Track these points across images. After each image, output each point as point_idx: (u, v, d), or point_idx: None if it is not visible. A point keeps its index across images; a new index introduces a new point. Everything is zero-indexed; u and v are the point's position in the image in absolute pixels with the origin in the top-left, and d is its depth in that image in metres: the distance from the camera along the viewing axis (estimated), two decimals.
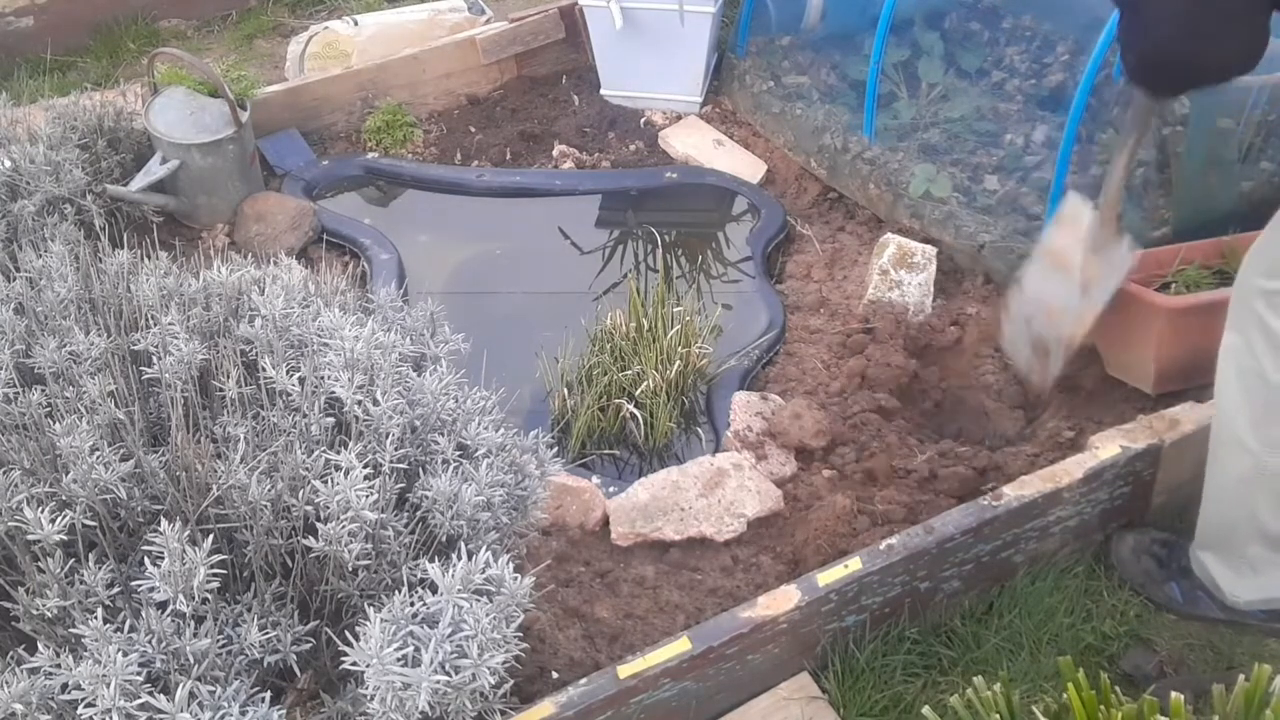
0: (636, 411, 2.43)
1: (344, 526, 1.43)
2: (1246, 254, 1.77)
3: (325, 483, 1.45)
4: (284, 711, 1.39)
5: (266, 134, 3.35)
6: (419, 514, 1.54)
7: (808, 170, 3.27)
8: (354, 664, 1.30)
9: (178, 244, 2.97)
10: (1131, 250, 2.25)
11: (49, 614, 1.39)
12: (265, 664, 1.42)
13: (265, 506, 1.46)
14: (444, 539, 1.53)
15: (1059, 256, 2.28)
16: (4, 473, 1.46)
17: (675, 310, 2.58)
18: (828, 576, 1.80)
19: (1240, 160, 2.58)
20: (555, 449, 1.80)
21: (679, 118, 3.57)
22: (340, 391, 1.58)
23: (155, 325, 1.74)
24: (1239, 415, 1.79)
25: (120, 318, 1.81)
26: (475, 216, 3.27)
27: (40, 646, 1.34)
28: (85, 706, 1.26)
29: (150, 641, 1.34)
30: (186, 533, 1.38)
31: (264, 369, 1.64)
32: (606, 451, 2.44)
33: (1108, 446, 2.01)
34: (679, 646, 1.69)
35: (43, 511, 1.39)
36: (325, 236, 3.08)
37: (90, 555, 1.42)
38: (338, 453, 1.50)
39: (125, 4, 4.47)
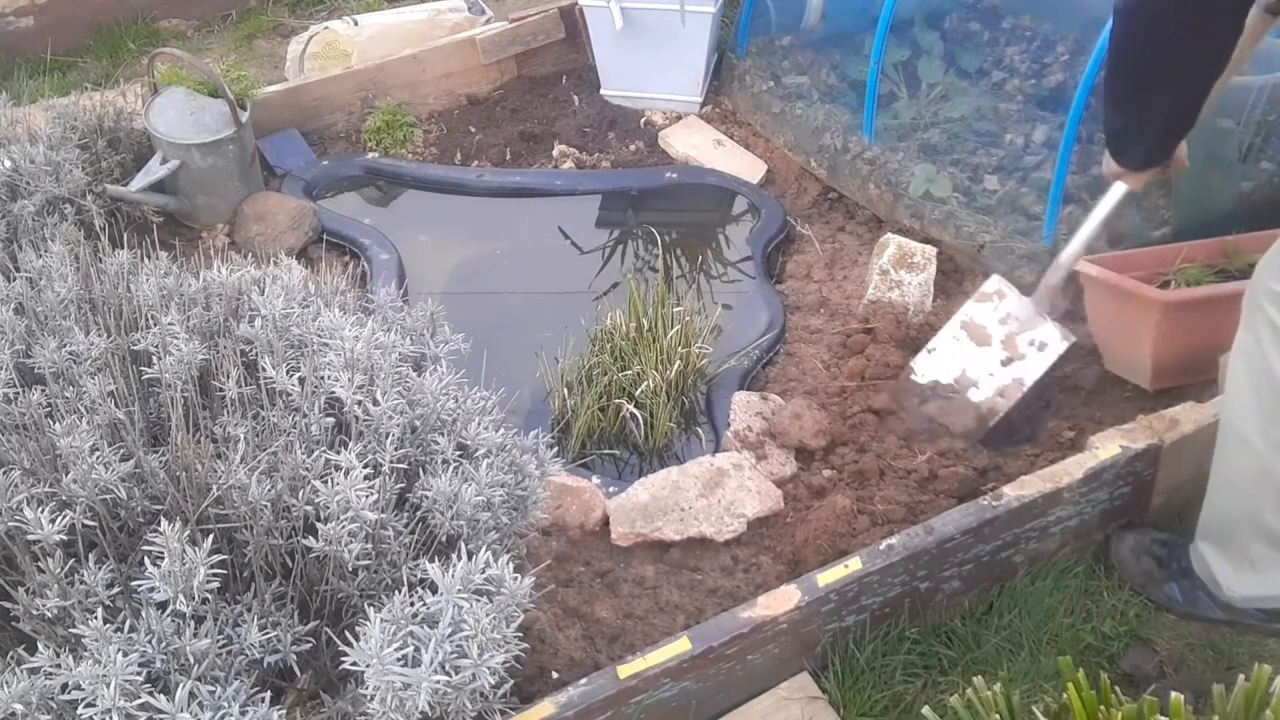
0: (636, 411, 2.43)
1: (344, 526, 1.43)
2: (1265, 254, 1.76)
3: (325, 483, 1.45)
4: (284, 711, 1.39)
5: (266, 134, 3.35)
6: (419, 514, 1.54)
7: (808, 170, 3.27)
8: (354, 664, 1.29)
9: (178, 244, 2.97)
10: (1065, 339, 2.35)
11: (49, 614, 1.39)
12: (265, 664, 1.42)
13: (265, 506, 1.46)
14: (444, 539, 1.53)
15: (977, 331, 2.41)
16: (4, 473, 1.46)
17: (675, 310, 2.58)
18: (828, 576, 1.80)
19: (1240, 160, 2.58)
20: (555, 449, 1.80)
21: (679, 118, 3.57)
22: (340, 391, 1.58)
23: (155, 325, 1.74)
24: (1247, 414, 1.78)
25: (120, 318, 1.81)
26: (475, 216, 3.28)
27: (40, 646, 1.34)
28: (85, 706, 1.26)
29: (150, 641, 1.34)
30: (186, 533, 1.37)
31: (264, 369, 1.64)
32: (606, 451, 2.44)
33: (1108, 446, 2.01)
34: (679, 646, 1.69)
35: (43, 511, 1.39)
36: (325, 236, 3.08)
37: (90, 555, 1.42)
38: (338, 453, 1.50)
39: (125, 4, 4.47)
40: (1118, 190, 2.14)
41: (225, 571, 1.41)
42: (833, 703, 1.83)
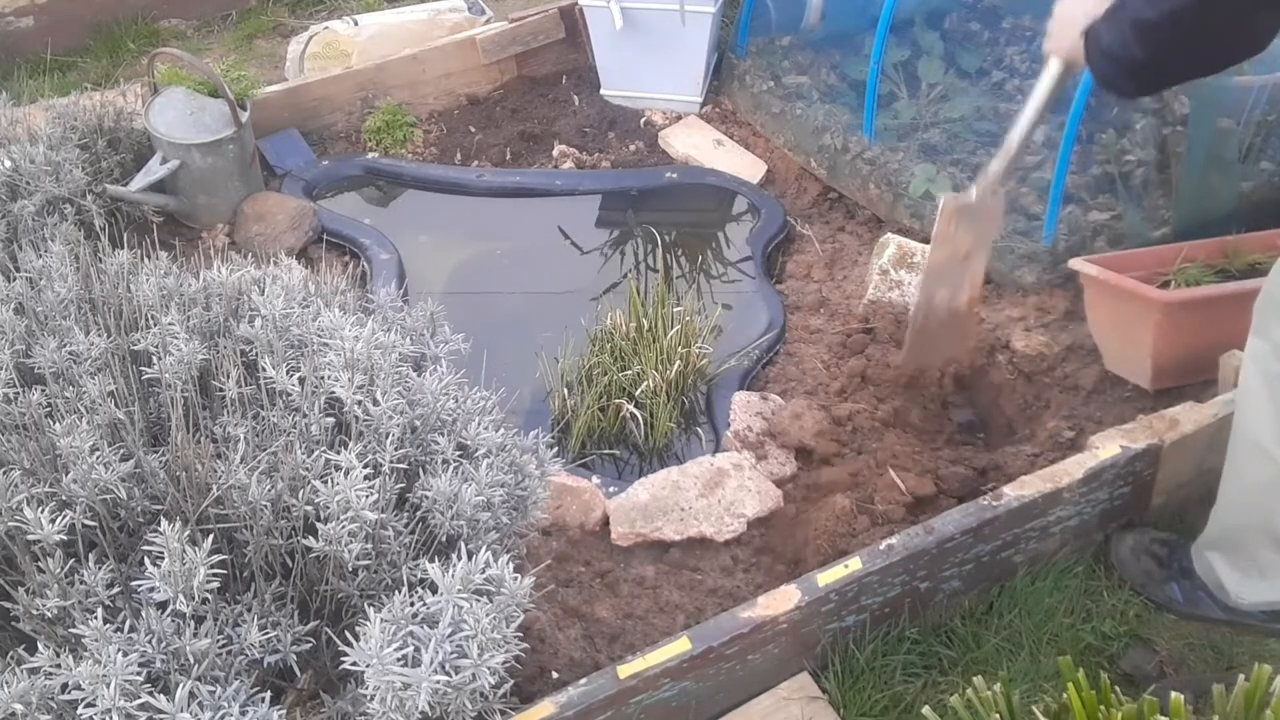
0: (636, 411, 2.43)
1: (344, 526, 1.43)
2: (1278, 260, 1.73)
3: (325, 483, 1.45)
4: (284, 711, 1.39)
5: (266, 134, 3.35)
6: (419, 514, 1.54)
7: (808, 170, 3.27)
8: (354, 664, 1.30)
9: (178, 244, 2.97)
10: (997, 196, 2.27)
11: (49, 614, 1.39)
12: (265, 664, 1.42)
13: (265, 506, 1.46)
14: (444, 539, 1.53)
15: (940, 266, 2.36)
16: (4, 473, 1.46)
17: (675, 310, 2.58)
18: (828, 576, 1.80)
19: (1240, 160, 2.58)
20: (555, 449, 1.80)
21: (679, 118, 3.57)
22: (340, 391, 1.58)
23: (155, 325, 1.74)
24: (1262, 421, 1.76)
25: (120, 318, 1.81)
26: (475, 216, 3.28)
27: (40, 646, 1.34)
28: (85, 706, 1.26)
29: (150, 641, 1.34)
30: (186, 533, 1.38)
31: (264, 369, 1.64)
32: (606, 451, 2.44)
33: (1108, 446, 2.01)
34: (679, 646, 1.69)
35: (43, 511, 1.39)
36: (325, 236, 3.08)
37: (90, 555, 1.42)
38: (338, 453, 1.50)
39: (125, 4, 4.47)
40: (1054, 67, 1.98)
41: (225, 571, 1.41)
42: (833, 703, 1.83)
